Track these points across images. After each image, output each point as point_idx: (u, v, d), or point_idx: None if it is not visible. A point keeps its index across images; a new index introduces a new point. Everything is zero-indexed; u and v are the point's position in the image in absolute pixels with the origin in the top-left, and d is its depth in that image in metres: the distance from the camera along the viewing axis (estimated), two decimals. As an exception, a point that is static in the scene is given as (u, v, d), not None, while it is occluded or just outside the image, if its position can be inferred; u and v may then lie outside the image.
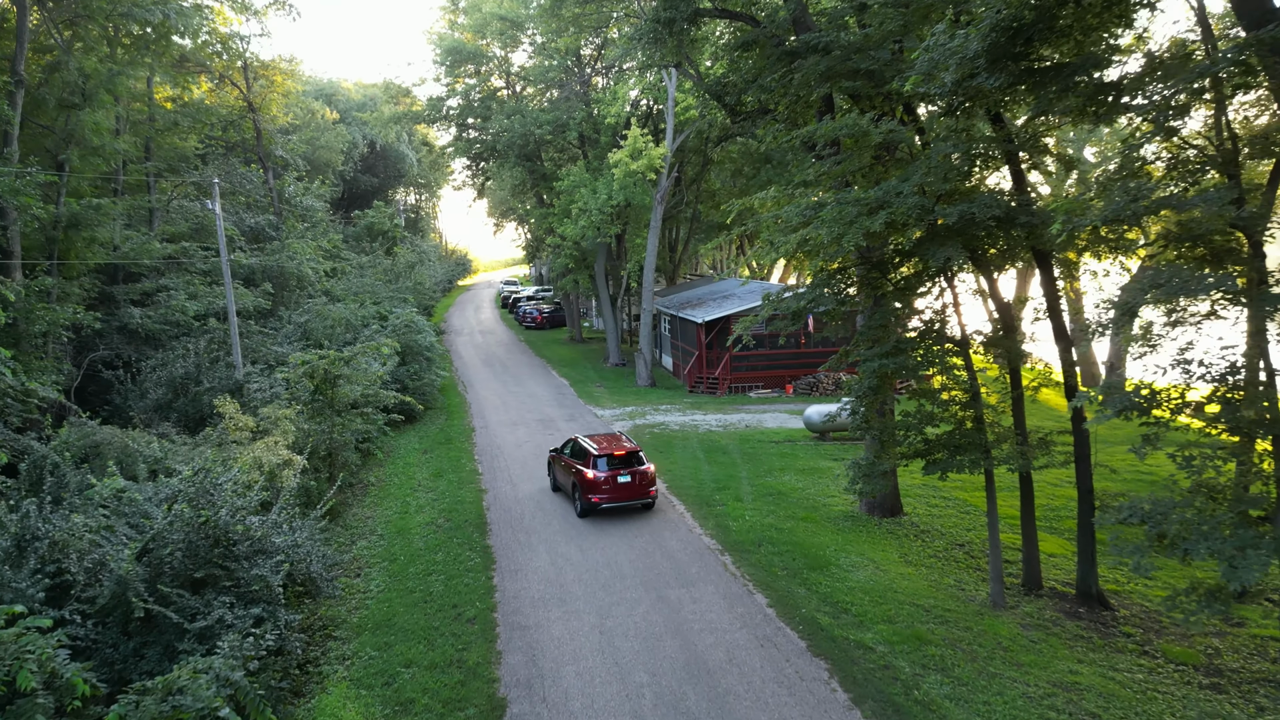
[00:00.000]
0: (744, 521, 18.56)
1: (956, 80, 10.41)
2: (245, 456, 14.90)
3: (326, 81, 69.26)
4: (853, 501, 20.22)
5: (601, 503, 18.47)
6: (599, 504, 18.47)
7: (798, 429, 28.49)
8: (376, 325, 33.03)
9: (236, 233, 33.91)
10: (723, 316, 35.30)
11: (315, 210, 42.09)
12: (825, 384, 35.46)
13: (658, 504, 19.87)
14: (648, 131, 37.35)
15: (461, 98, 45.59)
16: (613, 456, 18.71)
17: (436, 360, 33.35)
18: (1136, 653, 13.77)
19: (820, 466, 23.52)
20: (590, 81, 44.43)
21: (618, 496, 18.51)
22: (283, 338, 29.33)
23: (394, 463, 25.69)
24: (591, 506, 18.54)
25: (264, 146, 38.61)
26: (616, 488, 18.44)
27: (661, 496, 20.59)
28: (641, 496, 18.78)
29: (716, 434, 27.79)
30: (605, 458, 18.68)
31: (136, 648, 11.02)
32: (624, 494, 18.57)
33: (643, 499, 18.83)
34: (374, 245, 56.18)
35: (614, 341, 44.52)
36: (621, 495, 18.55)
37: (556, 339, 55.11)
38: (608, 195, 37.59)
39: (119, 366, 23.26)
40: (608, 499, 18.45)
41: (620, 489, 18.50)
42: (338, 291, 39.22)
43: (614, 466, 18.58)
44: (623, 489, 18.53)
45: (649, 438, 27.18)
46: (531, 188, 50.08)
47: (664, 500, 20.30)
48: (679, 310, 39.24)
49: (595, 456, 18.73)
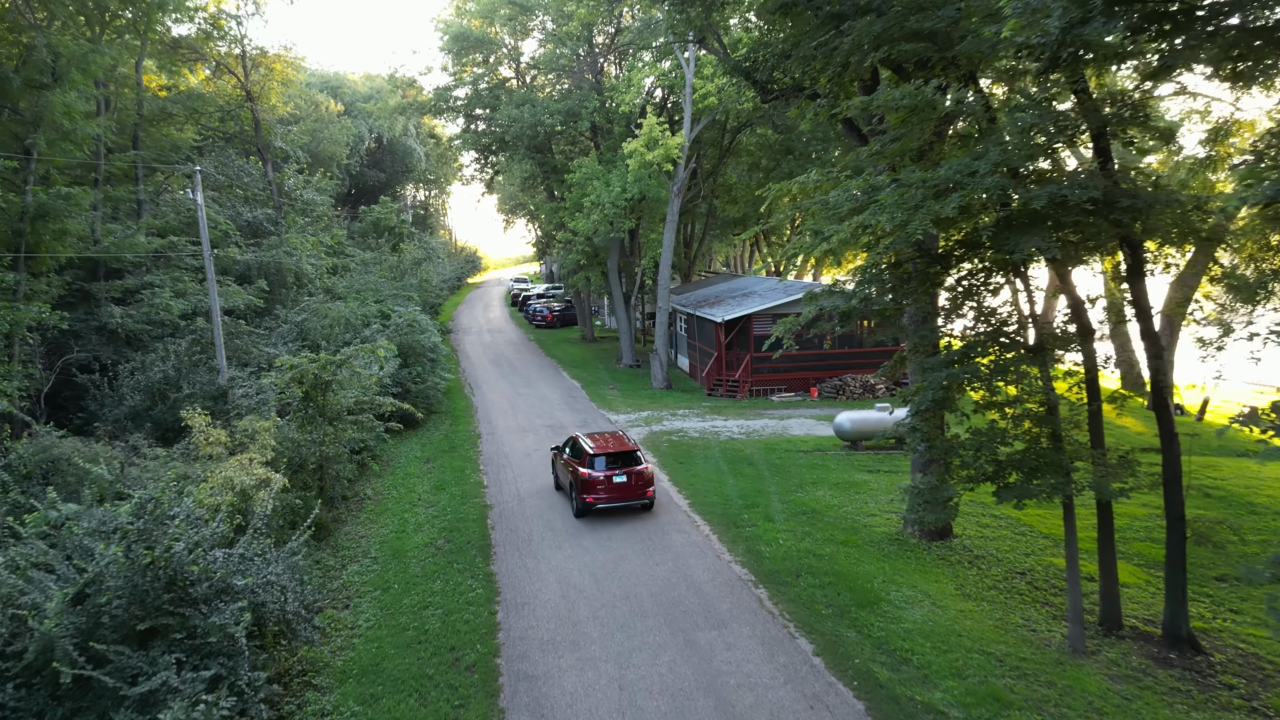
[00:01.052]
0: (778, 546, 16.62)
1: (1065, 27, 8.43)
2: (215, 476, 13.08)
3: (332, 74, 67.58)
4: (895, 521, 18.25)
5: (597, 503, 17.92)
6: (594, 504, 17.92)
7: (826, 437, 26.51)
8: (378, 325, 31.24)
9: (232, 227, 32.21)
10: (743, 315, 33.33)
11: (316, 204, 40.34)
12: (851, 387, 33.43)
13: (681, 524, 17.98)
14: (664, 121, 35.38)
15: (470, 87, 43.76)
16: (609, 455, 18.14)
17: (441, 362, 31.54)
18: (1244, 710, 11.78)
19: (856, 480, 21.54)
20: (603, 70, 42.49)
21: (614, 497, 17.92)
22: (277, 338, 27.57)
23: (393, 473, 23.89)
24: (587, 506, 18.01)
25: (263, 138, 36.89)
26: (613, 488, 17.88)
27: (684, 515, 18.68)
28: (639, 497, 18.15)
29: (739, 442, 25.83)
30: (602, 457, 18.10)
31: (67, 715, 9.21)
32: (621, 494, 17.96)
33: (640, 499, 18.17)
34: (379, 241, 54.46)
35: (627, 341, 42.61)
36: (618, 495, 17.94)
37: (567, 338, 53.25)
38: (621, 188, 35.68)
39: (96, 370, 21.53)
40: (604, 499, 17.90)
41: (616, 489, 17.91)
42: (340, 289, 37.48)
43: (611, 466, 18.00)
44: (619, 489, 17.93)
45: (667, 446, 25.26)
46: (541, 181, 48.20)
47: (686, 519, 18.39)
48: (696, 309, 37.29)
49: (592, 455, 18.17)
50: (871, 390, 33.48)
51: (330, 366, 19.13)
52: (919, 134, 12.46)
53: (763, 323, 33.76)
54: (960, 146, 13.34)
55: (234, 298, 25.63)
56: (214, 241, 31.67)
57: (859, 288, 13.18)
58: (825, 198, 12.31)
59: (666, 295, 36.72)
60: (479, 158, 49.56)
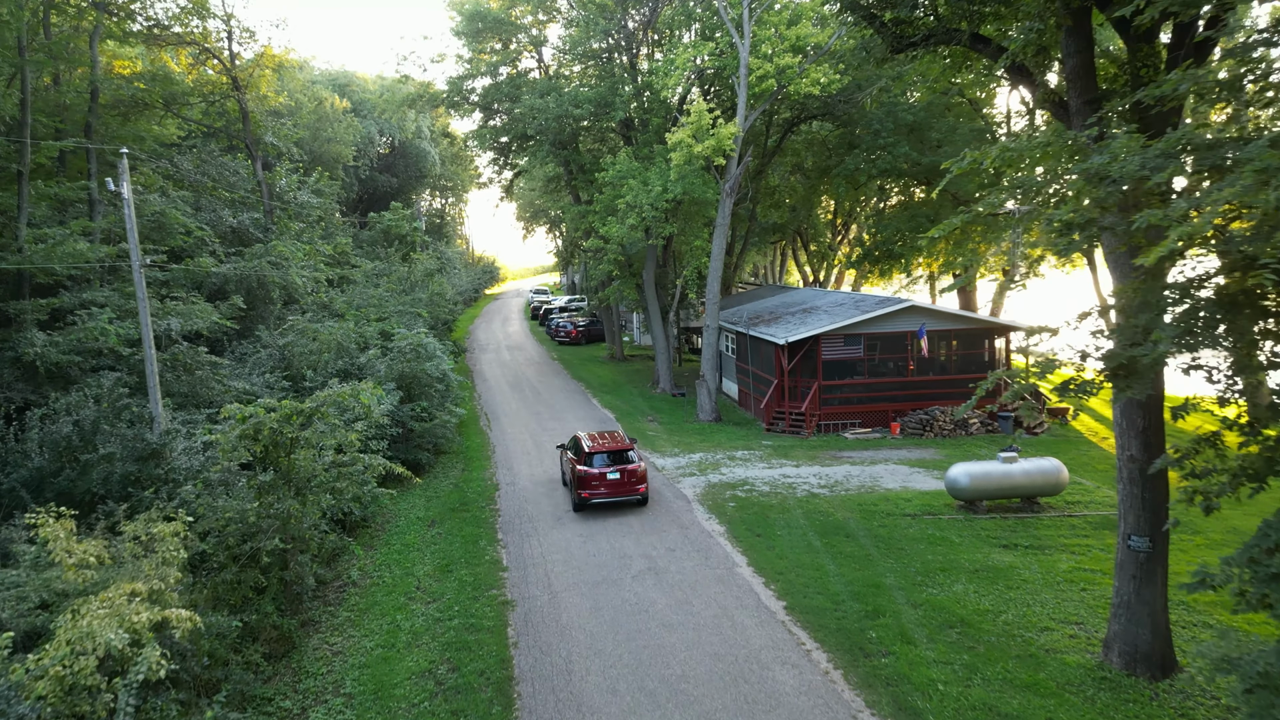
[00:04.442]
0: (939, 697, 11.27)
1: None
2: (70, 628, 7.98)
3: (340, 70, 63.03)
4: (1088, 643, 12.86)
5: (592, 498, 19.24)
6: (589, 499, 19.24)
7: (930, 490, 21.16)
8: (378, 348, 26.24)
9: (209, 233, 27.38)
10: (810, 337, 28.00)
11: (312, 207, 35.46)
12: (940, 422, 27.97)
13: (784, 649, 12.66)
14: (714, 108, 30.24)
15: (487, 77, 38.83)
16: (605, 453, 19.55)
17: (453, 391, 26.47)
18: None
19: (996, 563, 16.15)
20: (638, 54, 37.47)
21: (609, 492, 19.27)
22: (253, 366, 22.58)
23: (388, 542, 18.78)
24: (583, 501, 19.33)
25: (251, 131, 32.14)
26: (607, 484, 19.26)
27: (783, 630, 13.36)
28: (631, 493, 19.42)
29: (824, 500, 20.52)
30: (598, 454, 19.53)
31: None
32: (614, 490, 19.30)
33: (632, 495, 19.45)
34: (389, 251, 49.63)
35: (665, 363, 37.37)
36: (612, 491, 19.29)
37: (594, 356, 48.12)
38: (663, 187, 30.56)
39: (8, 415, 16.58)
40: (599, 495, 19.23)
41: (611, 485, 19.27)
42: (339, 303, 32.54)
43: (605, 463, 19.40)
44: (613, 485, 19.28)
45: (734, 506, 19.98)
46: (566, 183, 43.22)
47: (789, 639, 13.07)
48: (749, 327, 31.97)
49: (588, 454, 19.60)
50: (964, 426, 28.01)
51: (296, 418, 14.06)
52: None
53: (833, 345, 28.43)
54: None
55: (197, 318, 20.70)
56: (186, 250, 26.87)
57: (1183, 316, 7.77)
58: (1117, 168, 6.99)
59: (715, 312, 31.46)
60: (496, 158, 44.67)
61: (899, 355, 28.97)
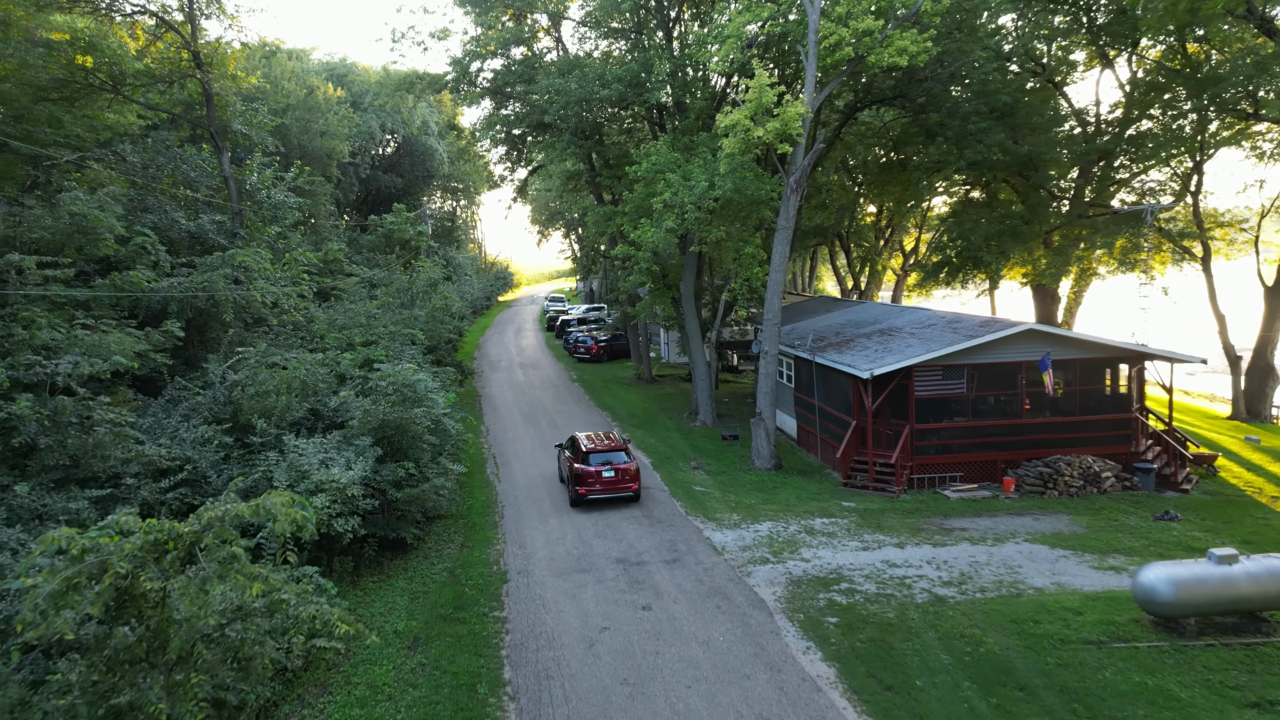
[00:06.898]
0: None
1: None
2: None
3: (339, 60, 57.70)
4: None
5: (588, 494, 20.42)
6: (585, 495, 20.44)
7: (1098, 592, 15.38)
8: (357, 384, 20.72)
9: (151, 239, 21.95)
10: (901, 369, 22.16)
11: (289, 207, 30.00)
12: (1067, 476, 22.06)
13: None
14: (778, 82, 24.53)
15: (499, 56, 33.35)
16: (600, 452, 20.80)
17: (451, 442, 20.90)
18: None
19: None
20: (673, 27, 31.84)
21: (603, 489, 20.46)
22: (182, 416, 17.05)
23: (348, 679, 13.13)
24: (579, 497, 20.51)
25: (216, 117, 26.83)
26: (601, 481, 20.45)
27: None
28: (623, 490, 20.59)
29: (955, 609, 14.72)
30: (593, 453, 20.77)
31: None
32: (608, 486, 20.51)
33: (625, 492, 20.60)
34: (389, 257, 44.21)
35: (705, 390, 31.64)
36: (606, 488, 20.50)
37: (618, 377, 42.44)
38: (709, 182, 24.91)
39: None
40: (594, 491, 20.40)
41: (605, 482, 20.49)
42: (320, 323, 27.06)
43: (600, 462, 20.60)
44: (607, 482, 20.50)
45: (836, 625, 14.21)
46: (588, 181, 37.65)
47: None
48: (815, 353, 26.15)
49: (585, 452, 20.83)
50: (1096, 481, 22.10)
51: (173, 548, 8.51)
52: None
53: (929, 378, 22.62)
54: None
55: (96, 356, 15.19)
56: (122, 261, 21.47)
57: None
58: None
59: (776, 335, 25.63)
60: (509, 153, 39.16)
61: (1009, 390, 23.11)
